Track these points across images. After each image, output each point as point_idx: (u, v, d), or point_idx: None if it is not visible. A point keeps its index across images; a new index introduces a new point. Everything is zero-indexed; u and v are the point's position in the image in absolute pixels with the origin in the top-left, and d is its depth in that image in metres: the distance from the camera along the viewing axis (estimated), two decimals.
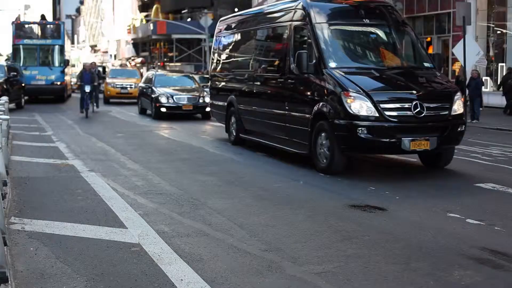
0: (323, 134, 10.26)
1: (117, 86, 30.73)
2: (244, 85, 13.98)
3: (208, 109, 21.20)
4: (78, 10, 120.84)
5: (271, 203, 8.00)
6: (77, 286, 4.87)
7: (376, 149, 10.31)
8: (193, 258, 5.57)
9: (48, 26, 32.48)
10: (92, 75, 23.09)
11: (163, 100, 21.39)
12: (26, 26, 32.63)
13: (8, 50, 45.72)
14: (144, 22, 67.46)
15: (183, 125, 19.54)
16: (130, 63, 64.49)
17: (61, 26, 32.49)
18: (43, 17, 34.61)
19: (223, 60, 15.81)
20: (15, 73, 26.20)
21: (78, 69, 57.50)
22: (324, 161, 10.26)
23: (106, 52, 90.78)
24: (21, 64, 29.96)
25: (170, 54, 60.13)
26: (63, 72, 31.05)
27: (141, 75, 33.48)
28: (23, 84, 27.39)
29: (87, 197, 8.21)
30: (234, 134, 14.40)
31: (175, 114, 21.55)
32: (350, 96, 9.77)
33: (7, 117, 11.15)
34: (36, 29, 31.80)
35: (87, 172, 10.22)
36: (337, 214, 7.39)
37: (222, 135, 16.14)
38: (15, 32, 31.16)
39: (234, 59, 15.09)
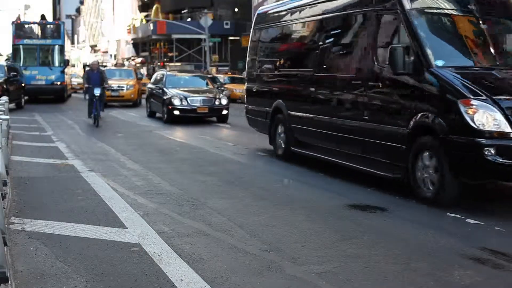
0: (426, 153, 7.98)
1: (108, 88, 28.92)
2: (299, 87, 11.39)
3: (224, 111, 20.26)
4: (78, 10, 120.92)
5: (271, 203, 8.00)
6: (77, 286, 4.88)
7: (507, 175, 7.64)
8: (193, 258, 5.57)
9: (48, 26, 32.47)
10: (101, 75, 19.64)
11: (176, 102, 19.73)
12: (26, 26, 32.62)
13: (8, 50, 45.80)
14: (144, 22, 67.49)
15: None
16: (130, 63, 64.17)
17: (61, 26, 32.48)
18: (43, 17, 34.61)
19: (267, 57, 13.25)
20: (15, 73, 26.19)
21: (78, 69, 57.48)
22: (430, 188, 7.98)
23: (106, 52, 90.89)
24: (21, 64, 29.96)
25: (170, 54, 60.18)
26: (63, 72, 31.03)
27: (137, 75, 31.09)
28: (23, 84, 27.39)
29: (87, 197, 8.21)
30: (283, 146, 11.94)
31: (189, 117, 19.95)
32: (472, 104, 7.42)
33: (7, 117, 11.15)
34: (36, 29, 31.79)
35: (87, 172, 10.22)
36: (337, 214, 7.39)
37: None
38: (15, 32, 31.16)
39: (283, 56, 12.49)
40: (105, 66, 45.52)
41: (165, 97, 20.39)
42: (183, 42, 57.62)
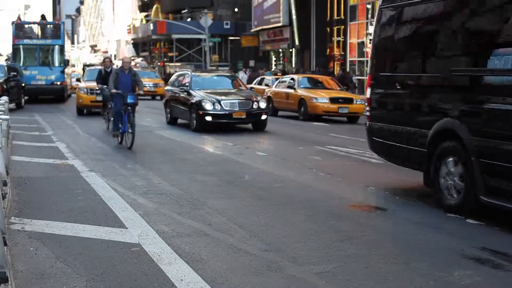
0: None
1: (93, 92, 21.84)
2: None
3: (263, 117, 17.31)
4: (78, 10, 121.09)
5: (271, 203, 7.99)
6: (77, 286, 4.88)
7: None
8: (193, 258, 5.57)
9: (48, 26, 32.47)
10: (134, 77, 14.07)
11: (207, 106, 16.67)
12: (26, 26, 32.62)
13: (8, 50, 45.77)
14: (144, 22, 67.55)
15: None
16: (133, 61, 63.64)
17: (61, 26, 32.48)
18: (43, 17, 34.61)
19: (418, 49, 8.53)
20: (15, 73, 26.20)
21: (78, 69, 57.27)
22: None
23: (106, 52, 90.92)
24: (21, 64, 29.96)
25: (170, 54, 60.25)
26: (63, 72, 31.03)
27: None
28: (23, 84, 27.40)
29: (87, 197, 8.21)
30: (460, 194, 7.41)
31: (223, 124, 17.15)
32: None
33: (7, 117, 11.16)
34: (36, 29, 31.80)
35: (87, 172, 10.22)
36: (337, 214, 7.39)
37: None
38: (15, 32, 31.16)
39: (459, 47, 7.64)
40: (88, 65, 41.06)
41: (193, 101, 17.25)
42: (183, 42, 57.66)
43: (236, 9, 56.88)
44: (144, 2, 71.95)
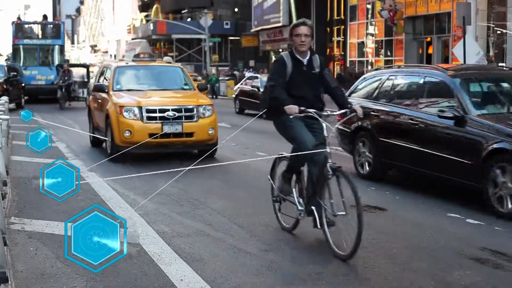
0: None
1: (154, 115, 11.30)
2: None
3: None
4: (78, 10, 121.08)
5: (271, 203, 7.97)
6: (77, 286, 4.88)
7: None
8: (193, 258, 5.57)
9: (48, 26, 32.49)
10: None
11: None
12: (26, 26, 32.64)
13: (8, 50, 45.80)
14: (144, 22, 67.55)
15: None
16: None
17: (61, 26, 32.50)
18: (45, 17, 34.61)
19: None
20: (15, 73, 26.20)
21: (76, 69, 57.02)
22: None
23: (106, 52, 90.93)
24: (21, 64, 29.97)
25: (170, 54, 60.17)
26: None
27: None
28: (23, 84, 27.39)
29: (87, 197, 8.20)
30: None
31: None
32: None
33: (7, 117, 11.14)
34: (36, 29, 31.82)
35: (87, 172, 10.21)
36: None
37: None
38: (15, 32, 31.18)
39: None
40: (87, 65, 33.04)
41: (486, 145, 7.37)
42: (183, 42, 57.66)
43: (236, 9, 56.89)
44: (144, 2, 71.93)
